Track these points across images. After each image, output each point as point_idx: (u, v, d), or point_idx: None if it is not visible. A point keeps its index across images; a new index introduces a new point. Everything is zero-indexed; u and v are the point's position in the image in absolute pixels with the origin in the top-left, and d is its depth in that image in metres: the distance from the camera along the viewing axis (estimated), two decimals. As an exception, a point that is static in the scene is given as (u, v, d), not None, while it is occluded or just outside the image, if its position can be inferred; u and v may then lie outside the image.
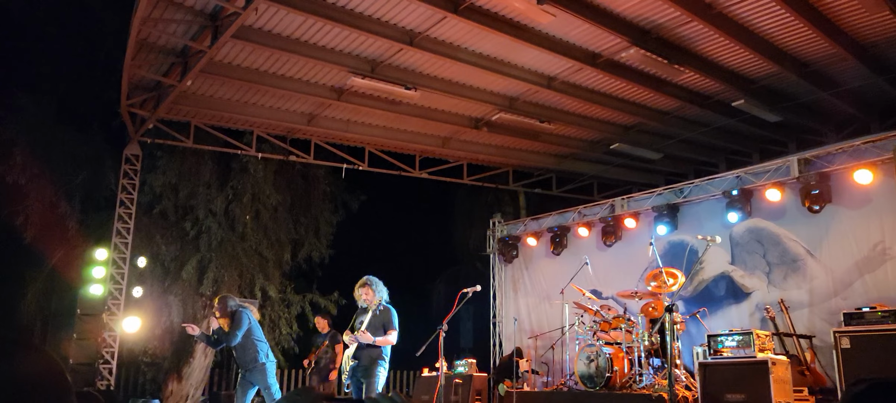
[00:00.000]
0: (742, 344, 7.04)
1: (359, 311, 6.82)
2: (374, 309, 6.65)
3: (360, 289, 6.78)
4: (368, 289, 6.74)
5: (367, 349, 6.54)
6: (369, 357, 6.55)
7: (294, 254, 13.79)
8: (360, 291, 6.77)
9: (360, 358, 6.57)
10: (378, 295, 6.72)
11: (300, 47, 9.15)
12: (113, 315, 10.84)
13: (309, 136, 12.18)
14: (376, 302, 6.67)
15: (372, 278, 6.83)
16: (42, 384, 0.92)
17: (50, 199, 11.56)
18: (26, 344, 0.96)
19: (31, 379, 0.91)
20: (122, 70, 9.35)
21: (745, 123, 11.44)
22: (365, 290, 6.75)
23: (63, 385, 0.94)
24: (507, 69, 9.91)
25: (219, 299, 7.18)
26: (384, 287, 6.84)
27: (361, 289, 6.76)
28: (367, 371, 6.53)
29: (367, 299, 6.71)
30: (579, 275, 9.71)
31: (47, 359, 0.95)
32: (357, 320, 6.74)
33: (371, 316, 6.63)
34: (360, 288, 6.78)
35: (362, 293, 6.74)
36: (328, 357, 8.87)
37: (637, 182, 14.18)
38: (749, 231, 9.36)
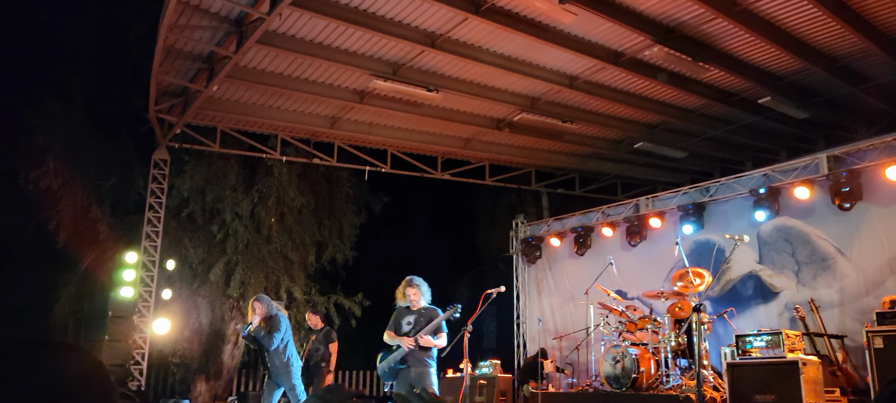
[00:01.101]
0: (771, 345, 6.95)
1: (401, 312, 6.55)
2: (419, 310, 6.45)
3: (408, 290, 6.50)
4: (417, 290, 6.48)
5: (419, 352, 6.27)
6: (421, 361, 6.25)
7: (318, 256, 13.90)
8: (408, 291, 6.49)
9: (410, 362, 6.27)
10: (425, 296, 6.53)
11: (323, 51, 9.23)
12: (143, 317, 11.03)
13: (332, 139, 12.27)
14: (422, 303, 6.49)
15: (418, 278, 6.61)
16: (87, 383, 0.94)
17: (81, 204, 11.80)
18: (70, 346, 0.98)
19: (76, 378, 0.93)
20: (150, 76, 9.52)
21: (772, 120, 11.28)
22: (413, 291, 6.49)
23: (107, 384, 0.97)
24: (529, 69, 9.89)
25: (257, 299, 7.23)
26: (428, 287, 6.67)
27: (409, 290, 6.50)
28: (420, 377, 6.19)
29: (415, 300, 6.48)
30: (604, 276, 9.65)
31: (91, 359, 0.98)
32: (402, 321, 6.48)
33: (417, 317, 6.41)
34: (407, 288, 6.51)
35: (411, 293, 6.48)
36: (320, 355, 8.80)
37: (662, 181, 14.05)
38: (777, 229, 9.23)
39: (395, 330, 6.44)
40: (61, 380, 0.91)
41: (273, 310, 7.18)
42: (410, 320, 6.41)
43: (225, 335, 12.92)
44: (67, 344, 0.98)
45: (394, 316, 6.56)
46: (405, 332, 6.34)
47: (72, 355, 0.96)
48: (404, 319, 6.46)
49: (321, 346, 8.73)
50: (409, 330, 6.34)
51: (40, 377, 0.90)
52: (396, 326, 6.45)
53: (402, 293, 6.55)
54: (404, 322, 6.44)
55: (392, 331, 6.46)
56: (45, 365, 0.92)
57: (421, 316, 6.40)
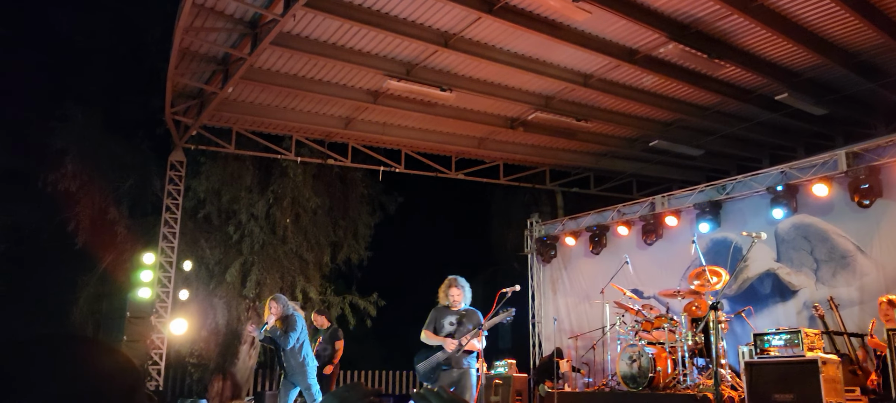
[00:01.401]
0: (790, 343, 6.87)
1: (441, 312, 6.41)
2: (461, 311, 6.33)
3: (451, 290, 6.36)
4: (460, 291, 6.35)
5: (461, 354, 6.16)
6: (463, 363, 6.17)
7: (333, 257, 13.95)
8: (452, 292, 6.35)
9: (453, 364, 6.16)
10: (467, 297, 6.42)
11: (337, 52, 9.26)
12: (161, 317, 11.12)
13: (346, 140, 12.31)
14: (463, 303, 6.38)
15: (462, 279, 6.49)
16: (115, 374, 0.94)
17: (99, 206, 11.93)
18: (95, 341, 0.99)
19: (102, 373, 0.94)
20: (166, 79, 9.59)
21: (789, 117, 11.17)
22: (457, 291, 6.35)
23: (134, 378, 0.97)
24: (543, 68, 9.86)
25: (274, 298, 7.25)
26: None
27: (453, 290, 6.35)
28: (462, 378, 6.13)
29: (458, 301, 6.34)
30: (619, 275, 9.60)
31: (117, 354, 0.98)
32: (443, 321, 6.33)
33: (459, 318, 6.30)
34: (450, 288, 6.37)
35: (454, 294, 6.34)
36: (327, 354, 8.82)
37: (677, 179, 13.96)
38: (795, 227, 9.13)
39: (436, 330, 6.31)
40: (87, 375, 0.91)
41: (289, 310, 7.21)
42: (452, 320, 6.30)
43: (241, 335, 12.99)
44: (92, 340, 0.98)
45: (433, 316, 6.42)
46: (448, 333, 6.23)
47: (97, 350, 0.96)
48: (446, 319, 6.33)
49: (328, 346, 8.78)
50: (451, 330, 6.23)
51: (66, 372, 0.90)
52: (437, 326, 6.32)
53: (445, 293, 6.41)
54: (446, 322, 6.31)
55: (431, 331, 6.32)
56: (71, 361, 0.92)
57: (463, 317, 6.29)
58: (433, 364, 6.22)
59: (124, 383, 0.94)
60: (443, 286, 6.47)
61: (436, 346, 6.23)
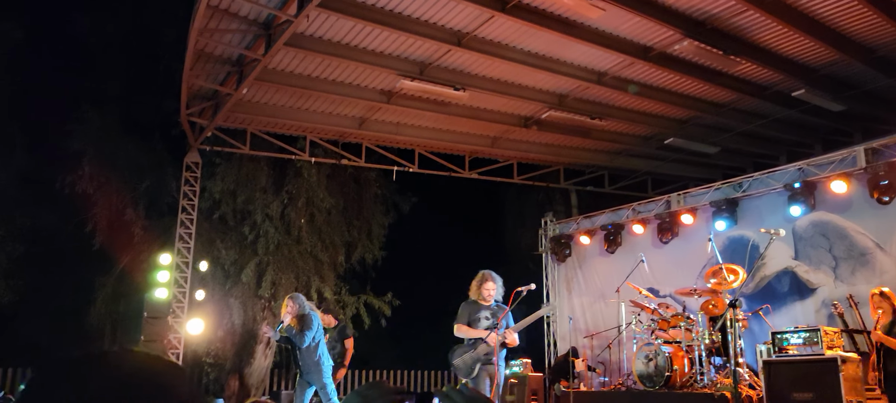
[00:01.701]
0: (809, 342, 6.80)
1: (473, 306, 6.31)
2: (492, 306, 6.24)
3: (486, 284, 6.26)
4: (494, 285, 6.26)
5: (498, 348, 6.09)
6: (500, 358, 6.12)
7: (348, 257, 13.98)
8: (487, 286, 6.25)
9: (494, 359, 6.07)
10: (499, 291, 6.36)
11: (350, 52, 9.28)
12: (177, 317, 11.20)
13: (360, 140, 12.33)
14: (495, 298, 6.31)
15: (494, 273, 6.41)
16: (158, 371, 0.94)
17: (116, 207, 12.04)
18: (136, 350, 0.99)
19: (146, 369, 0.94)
20: (181, 80, 9.66)
21: (806, 114, 11.05)
22: (492, 285, 6.24)
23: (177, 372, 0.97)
24: (557, 66, 9.83)
25: (291, 297, 7.28)
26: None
27: (488, 284, 6.25)
28: (499, 373, 6.13)
29: (492, 294, 6.25)
30: (635, 273, 9.54)
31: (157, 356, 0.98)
32: (478, 315, 6.23)
33: (493, 312, 6.21)
34: (485, 282, 6.27)
35: (488, 288, 6.24)
36: (336, 352, 8.82)
37: (693, 177, 13.85)
38: (813, 224, 9.03)
39: (469, 325, 6.21)
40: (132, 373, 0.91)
41: (305, 309, 7.23)
42: (487, 314, 6.22)
43: (257, 335, 13.06)
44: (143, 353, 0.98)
45: (466, 311, 6.33)
46: (485, 328, 6.16)
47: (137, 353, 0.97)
48: (481, 314, 6.25)
49: (337, 344, 8.76)
50: (488, 325, 6.15)
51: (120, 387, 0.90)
52: (472, 321, 6.22)
53: (478, 287, 6.32)
54: (481, 317, 6.23)
55: (465, 324, 6.23)
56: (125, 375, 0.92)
57: (496, 312, 6.24)
58: (475, 358, 6.11)
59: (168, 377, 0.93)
60: (476, 280, 6.39)
61: (471, 341, 6.13)
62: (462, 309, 6.38)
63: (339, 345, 8.84)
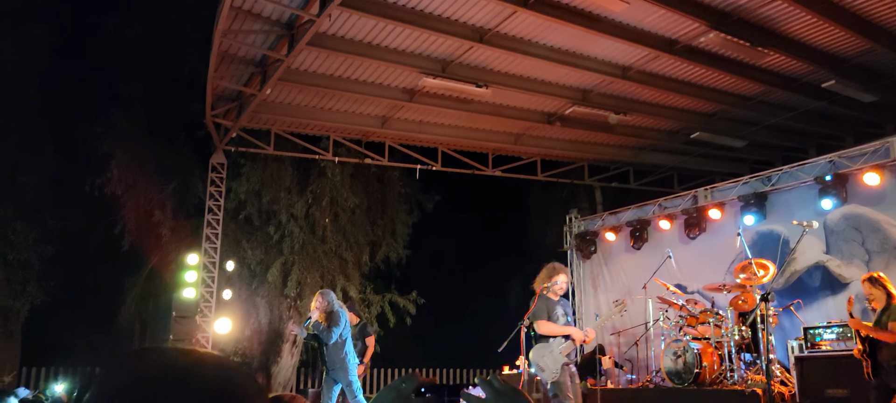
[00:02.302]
0: (842, 337, 6.66)
1: (549, 301, 5.93)
2: (562, 301, 5.94)
3: (560, 276, 5.88)
4: (567, 278, 5.93)
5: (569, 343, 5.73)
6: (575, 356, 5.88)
7: (372, 255, 14.03)
8: (561, 279, 5.88)
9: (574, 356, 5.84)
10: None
11: (372, 51, 9.30)
12: (205, 317, 11.32)
13: (383, 139, 12.35)
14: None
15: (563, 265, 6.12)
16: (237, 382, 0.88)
17: (144, 208, 12.22)
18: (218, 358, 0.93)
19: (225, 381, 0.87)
20: (206, 82, 9.76)
21: (836, 105, 10.82)
22: (565, 278, 5.89)
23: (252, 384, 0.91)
24: (580, 61, 9.74)
25: (321, 293, 7.31)
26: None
27: (561, 276, 5.87)
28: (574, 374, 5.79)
29: (562, 290, 5.91)
30: (662, 269, 9.42)
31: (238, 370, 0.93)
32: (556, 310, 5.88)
33: (565, 307, 5.92)
34: (558, 274, 5.89)
35: (563, 281, 5.88)
36: (357, 349, 8.80)
37: (720, 171, 13.63)
38: (845, 218, 8.84)
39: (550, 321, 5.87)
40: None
41: (334, 306, 7.25)
42: (562, 311, 5.90)
43: (284, 334, 13.16)
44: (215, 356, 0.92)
45: (544, 306, 5.93)
46: (565, 324, 5.89)
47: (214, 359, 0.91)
48: (558, 309, 5.90)
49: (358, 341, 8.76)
50: (566, 321, 5.88)
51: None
52: (551, 317, 5.86)
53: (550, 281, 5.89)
54: (559, 313, 5.88)
55: (545, 320, 5.86)
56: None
57: (567, 306, 5.98)
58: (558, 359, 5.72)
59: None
60: (545, 273, 5.96)
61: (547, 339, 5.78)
62: (541, 305, 5.92)
63: (360, 343, 8.86)
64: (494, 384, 1.29)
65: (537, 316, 5.87)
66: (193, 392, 0.80)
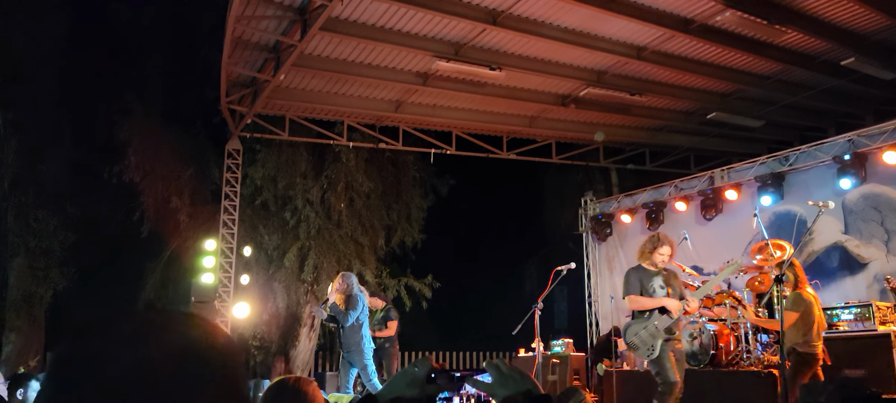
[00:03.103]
0: (860, 317, 6.60)
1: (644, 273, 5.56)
2: (663, 272, 5.55)
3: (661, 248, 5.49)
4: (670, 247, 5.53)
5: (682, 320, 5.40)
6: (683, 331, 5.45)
7: (388, 240, 14.09)
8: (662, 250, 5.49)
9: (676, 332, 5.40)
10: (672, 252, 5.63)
11: (385, 35, 9.28)
12: (224, 302, 11.46)
13: (397, 123, 12.35)
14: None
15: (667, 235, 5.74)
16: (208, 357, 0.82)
17: (162, 195, 12.36)
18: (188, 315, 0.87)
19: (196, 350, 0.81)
20: (220, 68, 9.80)
21: (856, 83, 10.65)
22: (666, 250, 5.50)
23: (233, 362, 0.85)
24: (594, 42, 9.66)
25: (342, 275, 7.39)
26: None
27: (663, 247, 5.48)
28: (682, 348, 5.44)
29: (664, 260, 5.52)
30: (678, 251, 9.35)
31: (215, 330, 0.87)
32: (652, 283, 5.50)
33: (666, 278, 5.51)
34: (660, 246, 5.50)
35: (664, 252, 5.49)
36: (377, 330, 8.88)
37: (737, 152, 13.50)
38: (864, 197, 8.74)
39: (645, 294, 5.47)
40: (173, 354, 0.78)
41: (354, 290, 7.32)
42: (661, 283, 5.46)
43: (301, 318, 13.30)
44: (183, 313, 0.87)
45: (635, 279, 5.55)
46: (663, 297, 5.42)
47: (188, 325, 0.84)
48: (654, 282, 5.47)
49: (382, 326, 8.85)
50: (665, 294, 5.40)
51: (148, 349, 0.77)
52: (645, 291, 5.46)
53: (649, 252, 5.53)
54: (655, 285, 5.46)
55: (636, 295, 5.48)
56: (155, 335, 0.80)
57: (670, 278, 5.52)
58: (653, 334, 5.32)
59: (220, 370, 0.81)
60: (645, 245, 5.61)
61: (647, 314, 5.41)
62: (630, 278, 5.58)
63: (382, 326, 8.95)
64: (501, 367, 1.32)
65: (628, 290, 5.56)
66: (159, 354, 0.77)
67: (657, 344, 5.29)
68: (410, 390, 1.33)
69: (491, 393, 1.33)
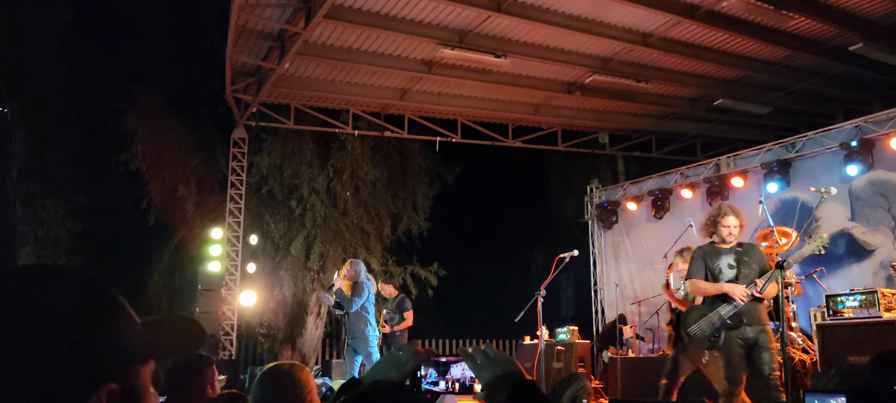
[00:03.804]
0: (865, 304, 6.57)
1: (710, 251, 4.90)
2: (737, 248, 4.85)
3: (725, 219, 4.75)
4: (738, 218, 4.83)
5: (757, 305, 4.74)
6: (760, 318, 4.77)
7: (393, 228, 14.13)
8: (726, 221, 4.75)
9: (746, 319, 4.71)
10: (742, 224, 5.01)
11: (389, 22, 9.26)
12: (230, 290, 11.53)
13: (402, 111, 12.34)
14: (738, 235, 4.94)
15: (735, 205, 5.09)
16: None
17: (169, 184, 12.42)
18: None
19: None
20: (225, 57, 9.82)
21: (864, 69, 10.55)
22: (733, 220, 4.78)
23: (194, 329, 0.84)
24: (600, 28, 9.60)
25: (351, 262, 7.43)
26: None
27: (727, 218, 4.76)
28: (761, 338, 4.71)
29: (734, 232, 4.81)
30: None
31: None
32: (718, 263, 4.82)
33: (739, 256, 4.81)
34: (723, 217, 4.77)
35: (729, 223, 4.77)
36: (394, 323, 8.90)
37: (744, 139, 13.40)
38: (871, 184, 8.68)
39: (711, 276, 4.82)
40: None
41: (361, 278, 7.36)
42: (730, 262, 4.77)
43: (308, 306, 13.37)
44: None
45: (699, 261, 4.91)
46: (729, 279, 4.75)
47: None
48: (721, 261, 4.79)
49: (395, 315, 8.85)
50: (732, 276, 4.74)
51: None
52: (711, 271, 4.82)
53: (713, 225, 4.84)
54: (723, 265, 4.78)
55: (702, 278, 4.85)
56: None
57: (744, 255, 4.79)
58: (716, 323, 4.71)
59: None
60: (707, 219, 4.96)
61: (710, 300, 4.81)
62: (694, 259, 4.93)
63: (398, 316, 8.96)
64: (488, 353, 1.34)
65: (688, 273, 4.96)
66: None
67: (720, 336, 4.70)
68: (392, 373, 1.36)
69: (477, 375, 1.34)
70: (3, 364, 0.68)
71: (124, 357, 0.77)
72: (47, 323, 0.72)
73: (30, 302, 0.73)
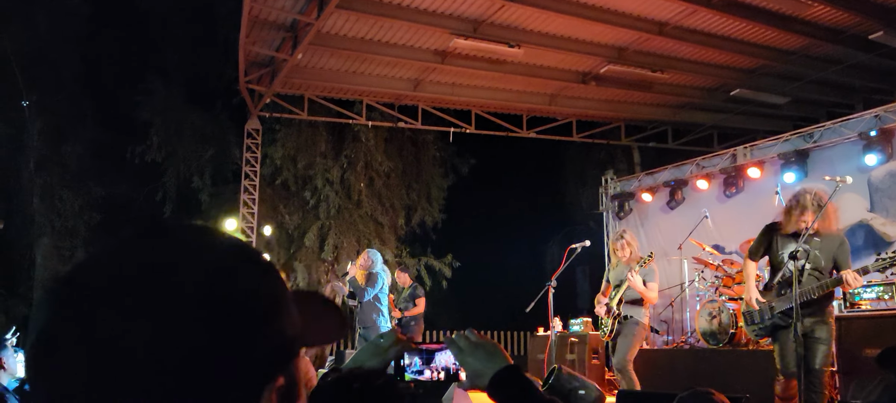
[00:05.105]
0: (882, 296, 6.46)
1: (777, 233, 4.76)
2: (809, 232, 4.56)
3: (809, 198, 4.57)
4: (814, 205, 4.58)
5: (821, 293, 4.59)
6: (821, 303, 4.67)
7: (408, 219, 14.14)
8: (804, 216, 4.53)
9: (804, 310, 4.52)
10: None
11: (402, 12, 9.23)
12: (244, 281, 11.58)
13: (416, 102, 12.32)
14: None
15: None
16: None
17: (184, 175, 12.52)
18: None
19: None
20: (239, 48, 9.84)
21: (885, 58, 10.35)
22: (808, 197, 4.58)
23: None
24: (615, 18, 9.50)
25: (366, 251, 7.46)
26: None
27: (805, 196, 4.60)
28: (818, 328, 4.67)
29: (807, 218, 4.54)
30: (699, 229, 9.27)
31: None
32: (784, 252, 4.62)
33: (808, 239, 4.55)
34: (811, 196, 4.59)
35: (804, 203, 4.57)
36: (405, 310, 8.93)
37: (761, 129, 13.24)
38: (891, 174, 8.52)
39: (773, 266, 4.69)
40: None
41: (375, 269, 7.38)
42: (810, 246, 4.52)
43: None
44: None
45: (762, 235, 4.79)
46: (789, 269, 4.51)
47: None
48: (787, 249, 4.52)
49: (408, 303, 8.88)
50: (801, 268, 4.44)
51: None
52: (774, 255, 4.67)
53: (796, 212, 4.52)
54: (786, 254, 4.53)
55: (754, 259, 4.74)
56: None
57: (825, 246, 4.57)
58: (767, 314, 4.64)
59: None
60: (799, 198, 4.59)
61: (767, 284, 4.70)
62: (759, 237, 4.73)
63: (411, 304, 9.00)
64: (470, 337, 1.33)
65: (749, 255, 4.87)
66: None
67: (772, 323, 4.65)
68: (373, 360, 1.35)
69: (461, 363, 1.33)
70: (188, 348, 0.57)
71: (292, 348, 0.68)
72: (246, 310, 0.62)
73: (236, 283, 0.63)
